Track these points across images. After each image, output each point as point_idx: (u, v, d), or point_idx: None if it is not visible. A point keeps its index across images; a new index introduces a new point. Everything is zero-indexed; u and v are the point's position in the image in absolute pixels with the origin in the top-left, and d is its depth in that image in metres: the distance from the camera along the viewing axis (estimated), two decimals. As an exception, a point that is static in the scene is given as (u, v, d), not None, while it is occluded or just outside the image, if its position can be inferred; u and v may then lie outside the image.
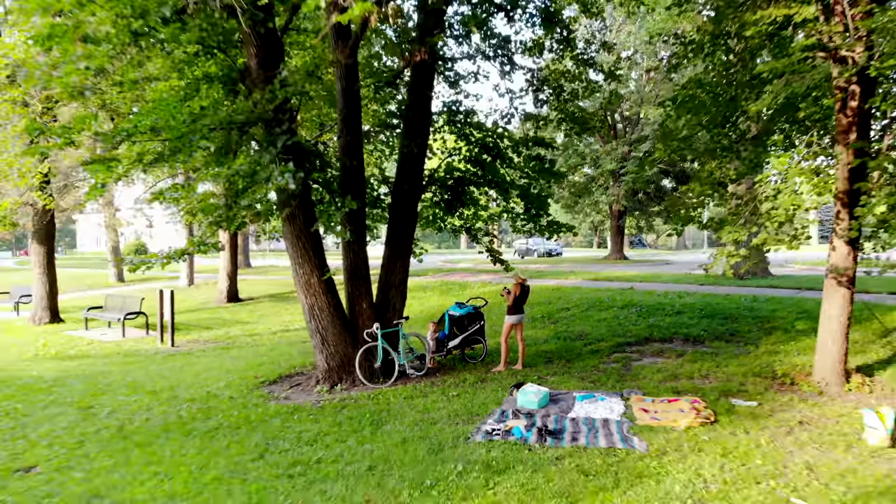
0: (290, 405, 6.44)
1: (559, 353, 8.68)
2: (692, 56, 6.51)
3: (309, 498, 4.13)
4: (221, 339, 11.22)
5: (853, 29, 5.55)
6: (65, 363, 9.22)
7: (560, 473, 4.37)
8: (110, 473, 4.77)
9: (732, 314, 10.22)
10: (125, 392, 7.22)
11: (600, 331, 9.95)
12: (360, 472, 4.52)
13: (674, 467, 4.48)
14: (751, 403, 6.15)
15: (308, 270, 7.06)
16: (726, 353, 8.19)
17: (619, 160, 23.96)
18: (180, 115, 6.32)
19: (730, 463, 4.59)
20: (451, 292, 15.29)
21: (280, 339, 10.97)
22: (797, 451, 4.88)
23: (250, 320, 13.57)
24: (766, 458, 4.68)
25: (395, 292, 7.91)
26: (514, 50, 7.67)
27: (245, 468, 4.74)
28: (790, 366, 7.38)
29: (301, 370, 8.14)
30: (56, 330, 12.46)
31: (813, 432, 5.31)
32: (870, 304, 9.60)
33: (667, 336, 9.38)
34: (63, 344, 10.76)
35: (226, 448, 5.20)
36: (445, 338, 8.30)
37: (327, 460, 4.80)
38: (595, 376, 7.32)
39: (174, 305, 10.10)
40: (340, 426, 5.63)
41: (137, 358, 9.47)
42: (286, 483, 4.41)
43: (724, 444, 4.96)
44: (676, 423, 5.50)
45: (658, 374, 7.27)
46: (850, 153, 6.06)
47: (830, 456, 4.78)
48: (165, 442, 5.42)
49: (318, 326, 7.20)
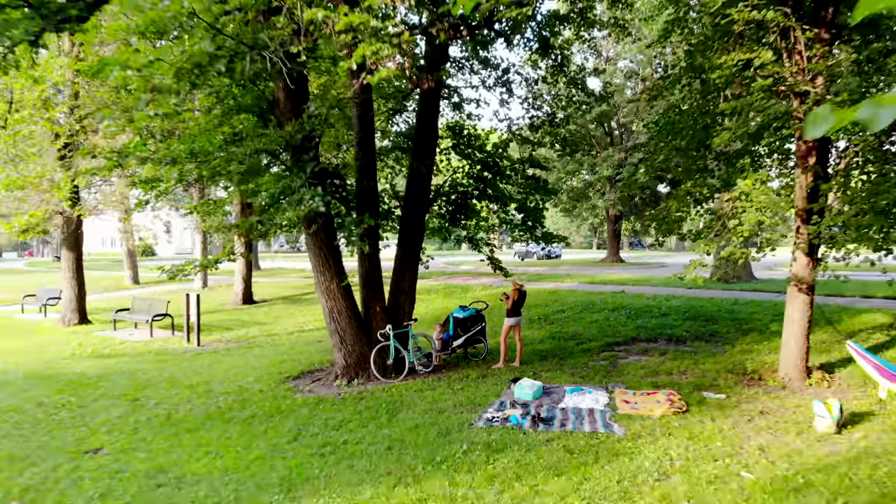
0: (314, 397, 7.30)
1: (553, 352, 9.53)
2: (670, 87, 7.34)
3: (340, 471, 4.99)
4: (243, 339, 12.10)
5: (807, 70, 6.39)
6: (102, 361, 10.09)
7: (549, 452, 5.21)
8: (168, 454, 5.62)
9: (714, 316, 11.08)
10: (165, 386, 8.09)
11: (592, 331, 10.80)
12: (381, 451, 5.37)
13: (646, 448, 5.32)
14: (720, 396, 6.98)
15: (328, 277, 7.91)
16: (704, 352, 9.03)
17: (616, 166, 24.80)
18: (216, 140, 7.21)
19: (694, 445, 5.42)
20: (454, 295, 16.14)
21: (297, 339, 11.83)
22: (754, 435, 5.70)
23: (267, 321, 14.44)
24: (725, 441, 5.51)
25: (404, 297, 8.76)
26: (511, 79, 8.54)
27: (283, 448, 5.59)
28: (759, 363, 8.22)
29: (320, 367, 9.00)
30: (85, 331, 13.33)
31: (770, 420, 6.13)
32: (828, 309, 10.43)
33: (652, 336, 10.23)
34: (97, 344, 11.64)
35: (263, 433, 6.05)
36: (450, 338, 9.15)
37: (352, 442, 5.65)
38: (584, 372, 8.17)
39: (199, 307, 10.97)
40: (361, 414, 6.49)
41: (168, 356, 10.35)
42: (319, 460, 5.26)
43: (692, 429, 5.79)
44: (652, 412, 6.34)
45: (641, 371, 8.11)
46: (808, 176, 6.90)
47: (782, 440, 5.60)
48: (210, 428, 6.28)
49: (337, 327, 8.06)
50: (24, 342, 12.14)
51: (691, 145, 7.35)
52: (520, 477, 4.70)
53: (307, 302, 17.11)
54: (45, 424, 6.65)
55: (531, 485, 4.55)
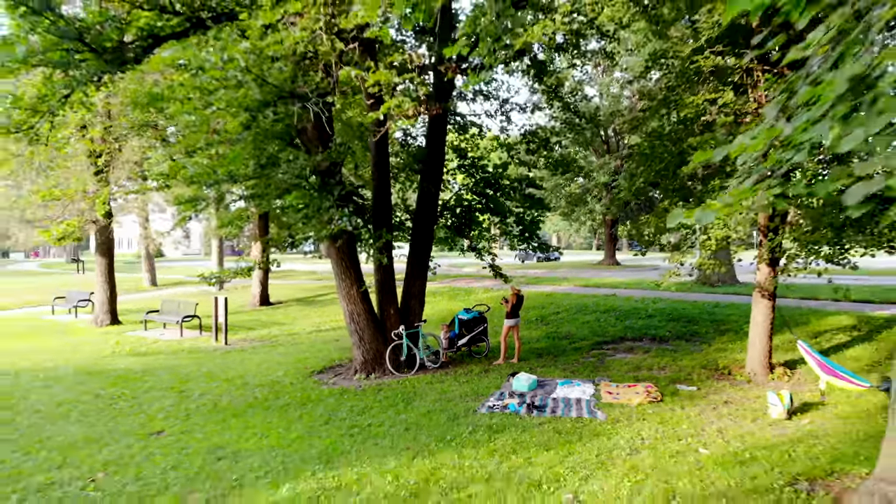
0: (338, 388, 8.37)
1: (548, 350, 10.59)
2: (648, 118, 8.37)
3: (367, 447, 6.04)
4: (266, 338, 13.17)
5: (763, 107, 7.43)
6: (141, 359, 11.17)
7: (541, 433, 6.26)
8: (220, 435, 6.68)
9: (695, 318, 12.13)
10: (205, 380, 9.16)
11: (584, 331, 11.86)
12: (400, 432, 6.43)
13: (622, 429, 6.36)
14: (692, 388, 8.02)
15: (349, 284, 8.98)
16: (683, 350, 10.08)
17: (612, 173, 25.85)
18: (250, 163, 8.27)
19: (663, 427, 6.45)
20: (458, 297, 17.20)
21: (315, 339, 12.90)
22: (716, 420, 6.74)
23: (285, 321, 15.52)
24: (690, 425, 6.55)
25: (415, 301, 9.82)
26: (510, 109, 9.60)
27: (317, 430, 6.65)
28: (731, 360, 9.26)
29: (339, 363, 10.07)
30: (118, 331, 14.43)
31: (732, 409, 7.16)
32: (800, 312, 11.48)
33: (638, 336, 11.28)
34: (133, 343, 12.72)
35: (299, 417, 7.12)
36: (456, 337, 10.22)
37: (375, 424, 6.71)
38: (575, 368, 9.22)
39: (227, 309, 12.05)
40: (380, 402, 7.56)
41: (201, 354, 11.42)
42: (349, 439, 6.32)
43: (663, 415, 6.83)
44: (631, 401, 7.38)
45: (625, 367, 9.16)
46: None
47: (739, 424, 6.63)
48: (253, 414, 7.35)
49: (356, 328, 9.12)
50: (62, 341, 13.23)
51: (669, 168, 8.39)
52: (516, 452, 5.74)
53: (321, 303, 18.20)
54: (108, 412, 7.71)
55: (525, 457, 5.60)
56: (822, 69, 2.13)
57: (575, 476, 5.11)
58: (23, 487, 5.44)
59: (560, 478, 5.08)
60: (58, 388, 9.07)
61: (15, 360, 11.06)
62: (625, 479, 5.05)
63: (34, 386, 9.12)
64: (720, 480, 5.10)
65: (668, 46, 8.28)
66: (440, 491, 4.87)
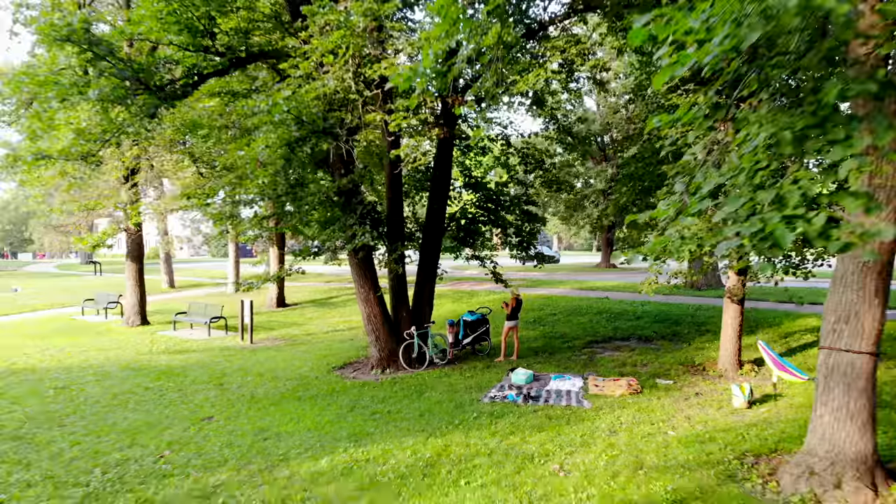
0: (359, 381, 9.54)
1: (544, 349, 11.74)
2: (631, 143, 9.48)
3: (388, 429, 7.20)
4: (287, 338, 14.36)
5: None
6: (176, 356, 12.36)
7: (535, 418, 7.40)
8: (262, 420, 7.85)
9: (678, 319, 13.27)
10: (240, 375, 10.33)
11: (577, 332, 13.01)
12: (415, 417, 7.58)
13: (604, 415, 7.50)
14: (669, 382, 9.16)
15: (367, 289, 10.14)
16: (666, 349, 11.21)
17: (608, 180, 26.97)
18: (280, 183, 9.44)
19: (640, 414, 7.59)
20: (462, 300, 18.36)
21: (332, 338, 14.07)
22: (686, 409, 7.87)
23: (302, 322, 16.70)
24: (663, 412, 7.68)
25: (425, 305, 10.98)
26: (509, 134, 10.75)
27: (345, 415, 7.81)
28: (707, 358, 10.39)
29: (357, 360, 11.24)
30: (148, 331, 15.63)
31: (702, 399, 8.29)
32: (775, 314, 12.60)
33: (626, 336, 12.43)
34: (166, 342, 13.92)
35: (327, 406, 8.28)
36: (461, 336, 11.37)
37: (394, 411, 7.87)
38: (567, 364, 10.37)
39: (253, 311, 13.23)
40: (396, 393, 8.72)
41: (230, 352, 12.61)
42: (372, 422, 7.48)
43: (641, 405, 7.96)
44: (614, 393, 8.53)
45: (612, 363, 10.30)
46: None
47: (705, 412, 7.76)
48: (287, 403, 8.51)
49: (373, 328, 10.29)
50: (101, 341, 14.42)
51: (652, 186, 9.52)
52: (513, 433, 6.89)
53: (335, 305, 19.37)
54: (160, 402, 8.89)
55: (521, 437, 6.74)
56: (704, 169, 3.29)
57: (562, 452, 6.25)
58: (103, 462, 6.61)
59: (549, 453, 6.22)
60: (109, 382, 10.25)
61: (62, 358, 12.26)
62: (602, 454, 6.19)
63: (87, 380, 10.30)
64: (681, 455, 6.23)
65: (648, 82, 9.42)
66: (451, 462, 6.02)
